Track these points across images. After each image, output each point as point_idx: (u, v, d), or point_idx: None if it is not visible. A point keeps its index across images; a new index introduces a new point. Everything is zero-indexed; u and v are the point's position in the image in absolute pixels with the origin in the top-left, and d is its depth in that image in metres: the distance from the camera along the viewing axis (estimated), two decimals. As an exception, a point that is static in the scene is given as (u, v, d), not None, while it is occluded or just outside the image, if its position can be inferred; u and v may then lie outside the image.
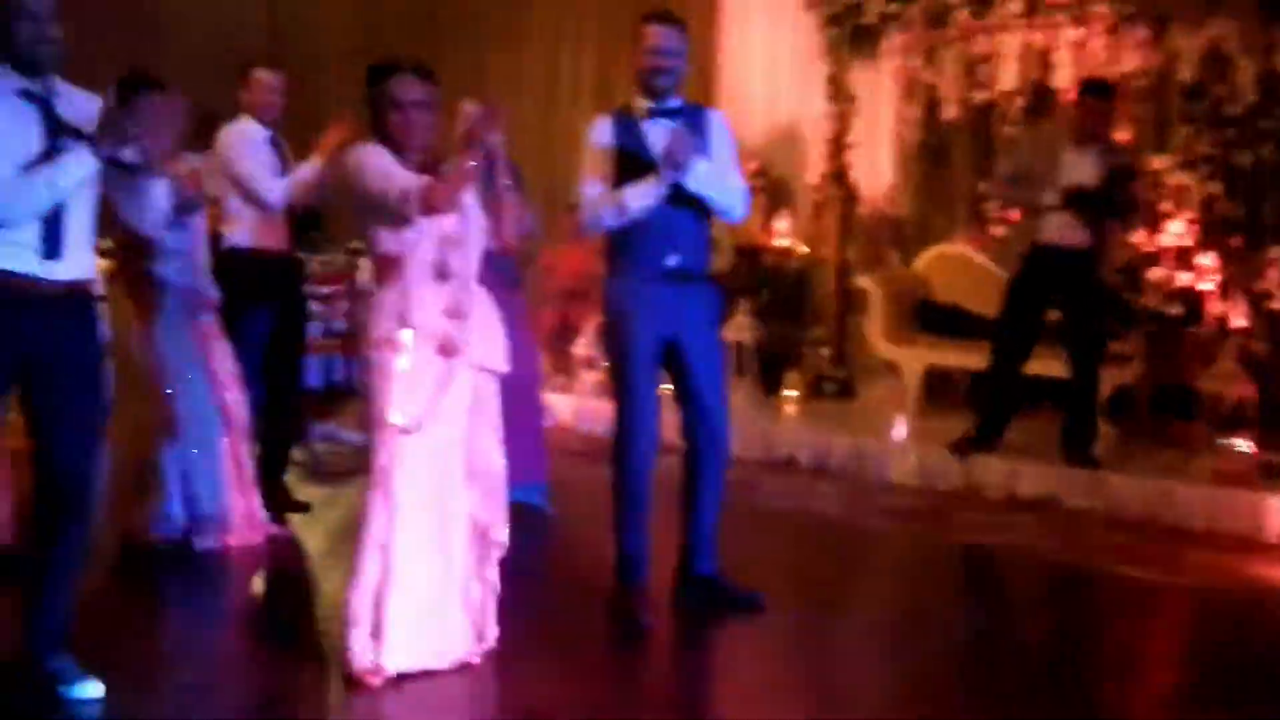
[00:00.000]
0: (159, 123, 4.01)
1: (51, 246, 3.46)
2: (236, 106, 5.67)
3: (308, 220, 7.51)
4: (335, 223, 9.34)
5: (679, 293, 4.46)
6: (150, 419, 5.08)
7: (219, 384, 5.23)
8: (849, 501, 6.65)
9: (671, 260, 4.45)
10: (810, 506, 6.57)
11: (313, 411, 7.49)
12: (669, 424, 4.71)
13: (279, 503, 5.63)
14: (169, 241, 4.96)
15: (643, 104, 4.47)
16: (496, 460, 4.04)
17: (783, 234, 9.38)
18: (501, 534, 4.06)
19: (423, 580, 3.84)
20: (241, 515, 5.28)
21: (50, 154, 3.41)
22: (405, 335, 3.80)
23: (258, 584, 4.89)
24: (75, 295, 3.57)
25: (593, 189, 4.44)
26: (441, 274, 3.85)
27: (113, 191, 3.78)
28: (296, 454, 6.29)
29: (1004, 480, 6.65)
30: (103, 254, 4.78)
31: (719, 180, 4.45)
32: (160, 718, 3.61)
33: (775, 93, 9.79)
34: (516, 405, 5.57)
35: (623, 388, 4.49)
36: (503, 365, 4.04)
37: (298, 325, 5.90)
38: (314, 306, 7.88)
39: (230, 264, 5.50)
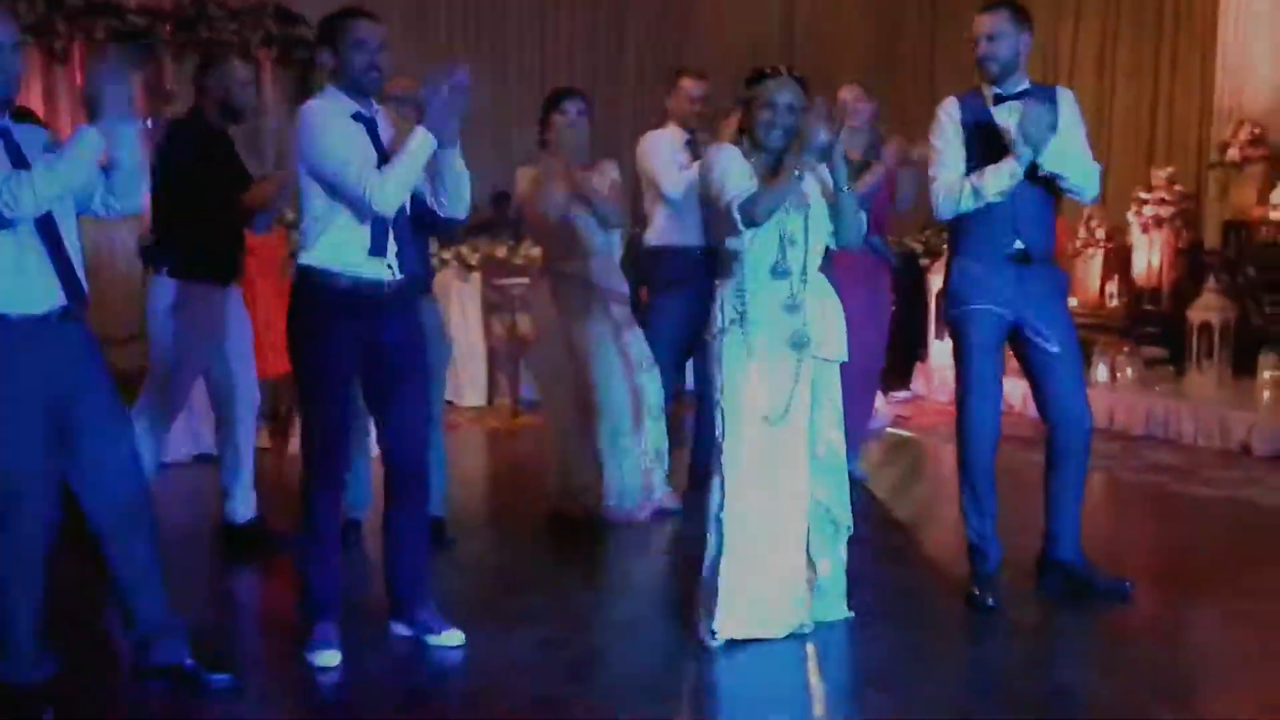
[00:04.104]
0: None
1: (378, 245, 3.89)
2: (664, 112, 6.16)
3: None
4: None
5: (1022, 274, 4.49)
6: (577, 404, 5.69)
7: (631, 369, 5.72)
8: (1293, 492, 6.30)
9: (1016, 244, 4.49)
10: (1242, 494, 6.27)
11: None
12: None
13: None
14: (592, 243, 5.61)
15: (989, 90, 4.53)
16: (839, 446, 4.29)
17: (1279, 206, 8.83)
18: (845, 517, 4.32)
19: (757, 555, 4.13)
20: (644, 489, 5.76)
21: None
22: (746, 326, 4.13)
23: None
24: (405, 292, 4.04)
25: (947, 173, 4.51)
26: (778, 270, 4.12)
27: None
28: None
29: None
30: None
31: (1072, 158, 4.44)
32: (508, 665, 4.05)
33: (1278, 58, 9.19)
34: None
35: (964, 370, 4.56)
36: (843, 355, 4.26)
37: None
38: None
39: (647, 260, 6.01)
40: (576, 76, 11.96)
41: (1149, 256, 8.98)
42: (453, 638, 4.18)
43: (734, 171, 4.12)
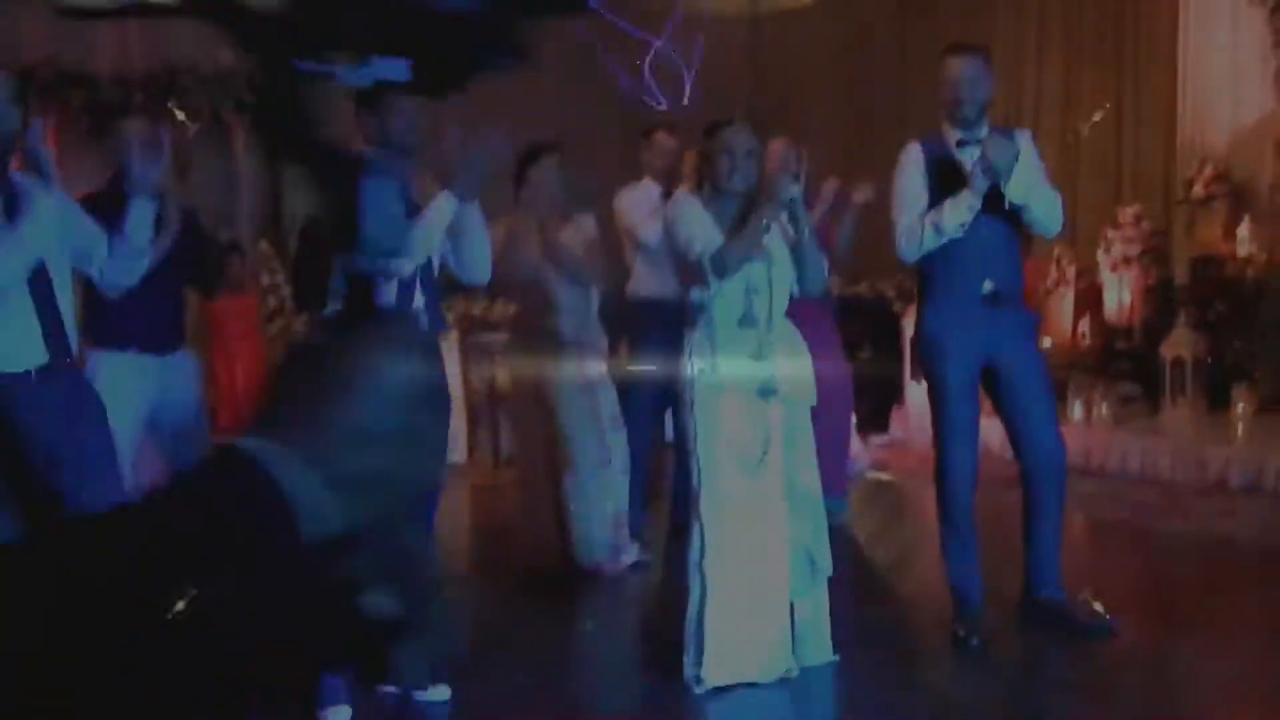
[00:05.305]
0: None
1: (404, 299, 4.00)
2: (639, 167, 6.25)
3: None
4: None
5: (993, 316, 4.56)
6: (546, 458, 5.73)
7: (601, 425, 5.73)
8: (1268, 525, 6.31)
9: (987, 286, 4.56)
10: (1220, 528, 6.32)
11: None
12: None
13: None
14: (565, 300, 5.66)
15: (953, 133, 4.60)
16: (814, 488, 4.35)
17: (1244, 242, 8.94)
18: (824, 558, 4.35)
19: (739, 599, 4.17)
20: (611, 544, 5.75)
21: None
22: (716, 376, 4.19)
23: None
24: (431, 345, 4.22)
25: (908, 216, 4.57)
26: (745, 320, 4.20)
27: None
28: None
29: None
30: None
31: (1036, 188, 4.50)
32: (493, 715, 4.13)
33: (1238, 95, 9.35)
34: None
35: (941, 413, 4.63)
36: (811, 399, 4.32)
37: None
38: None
39: (629, 312, 6.08)
40: (553, 131, 12.02)
41: (1119, 294, 9.08)
42: (439, 693, 4.19)
43: (698, 223, 4.20)
